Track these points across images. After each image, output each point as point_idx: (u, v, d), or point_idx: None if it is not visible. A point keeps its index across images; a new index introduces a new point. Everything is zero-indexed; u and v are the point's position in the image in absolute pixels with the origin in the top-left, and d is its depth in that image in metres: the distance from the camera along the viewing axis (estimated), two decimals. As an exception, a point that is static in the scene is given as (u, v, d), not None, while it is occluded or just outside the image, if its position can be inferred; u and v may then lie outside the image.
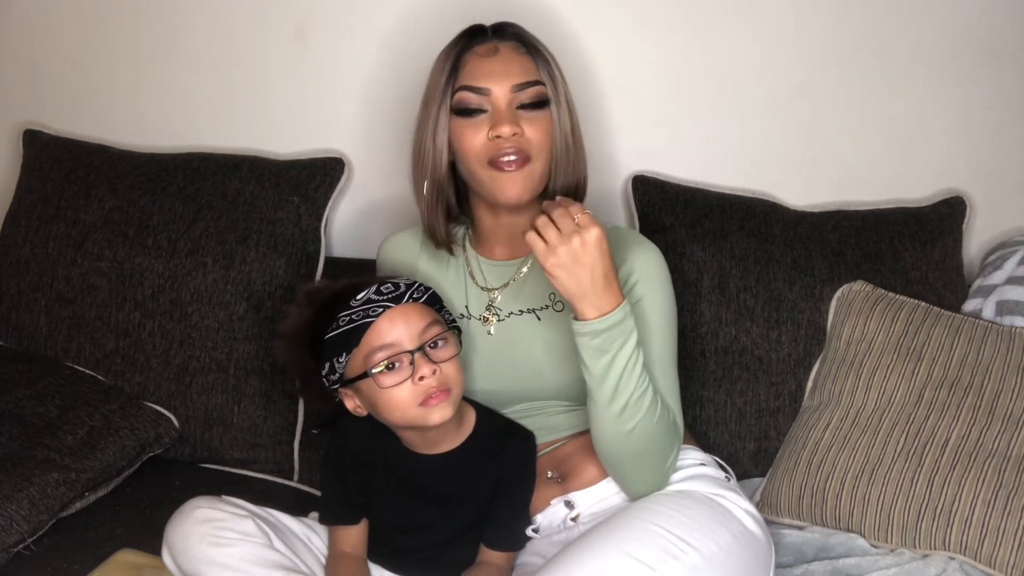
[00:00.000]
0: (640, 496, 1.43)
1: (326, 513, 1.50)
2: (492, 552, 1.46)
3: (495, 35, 1.50)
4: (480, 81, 1.45)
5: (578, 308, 1.33)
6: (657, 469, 1.41)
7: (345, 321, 1.37)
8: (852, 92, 1.88)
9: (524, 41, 1.49)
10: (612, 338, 1.33)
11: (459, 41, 1.50)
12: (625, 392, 1.35)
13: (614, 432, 1.37)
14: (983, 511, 1.51)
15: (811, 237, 1.80)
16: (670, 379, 1.46)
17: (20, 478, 1.57)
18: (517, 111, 1.45)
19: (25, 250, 1.93)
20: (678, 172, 1.92)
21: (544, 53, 1.49)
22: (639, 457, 1.39)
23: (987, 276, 1.78)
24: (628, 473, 1.42)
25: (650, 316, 1.44)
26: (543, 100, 1.46)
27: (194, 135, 2.05)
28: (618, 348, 1.34)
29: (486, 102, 1.45)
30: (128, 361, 1.85)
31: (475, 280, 1.56)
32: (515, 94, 1.45)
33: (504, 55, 1.47)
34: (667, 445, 1.41)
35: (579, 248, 1.30)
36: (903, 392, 1.64)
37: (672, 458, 1.42)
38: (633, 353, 1.35)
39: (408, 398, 1.36)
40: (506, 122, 1.43)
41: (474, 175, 1.47)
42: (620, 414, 1.36)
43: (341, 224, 2.03)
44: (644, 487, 1.42)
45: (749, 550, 1.40)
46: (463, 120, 1.46)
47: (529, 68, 1.47)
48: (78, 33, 2.09)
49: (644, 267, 1.46)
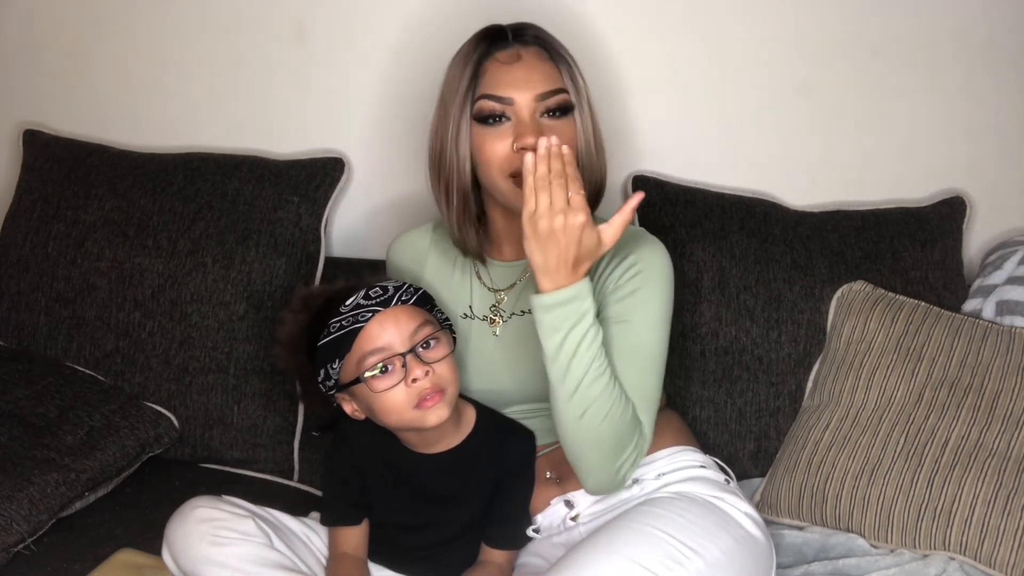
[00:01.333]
0: (593, 492, 1.42)
1: (327, 514, 1.50)
2: (493, 551, 1.46)
3: (516, 39, 1.45)
4: (502, 90, 1.41)
5: (538, 280, 1.31)
6: (606, 464, 1.37)
7: (335, 328, 1.37)
8: (852, 92, 1.88)
9: (546, 46, 1.46)
10: (564, 315, 1.31)
11: (478, 45, 1.45)
12: (575, 374, 1.32)
13: (565, 416, 1.35)
14: (983, 511, 1.51)
15: (811, 237, 1.80)
16: (648, 377, 1.42)
17: (20, 478, 1.57)
18: (540, 119, 1.42)
19: (25, 250, 1.93)
20: (678, 172, 1.92)
21: (566, 57, 1.46)
22: (589, 447, 1.36)
23: (987, 276, 1.78)
24: (579, 463, 1.39)
25: (641, 308, 1.42)
26: (567, 107, 1.43)
27: (194, 135, 2.05)
28: (570, 327, 1.31)
29: (509, 111, 1.41)
30: (128, 361, 1.85)
31: (481, 280, 1.56)
32: (539, 103, 1.41)
33: (527, 62, 1.43)
34: (620, 441, 1.37)
35: (559, 228, 1.28)
36: (903, 392, 1.64)
37: (627, 458, 1.38)
38: (587, 336, 1.32)
39: (403, 401, 1.36)
40: (530, 133, 1.39)
41: (494, 184, 1.44)
42: (570, 398, 1.33)
43: (341, 224, 2.03)
44: (595, 482, 1.40)
45: (750, 553, 1.40)
46: (485, 128, 1.42)
47: (552, 75, 1.43)
48: (78, 33, 2.09)
49: (649, 262, 1.44)
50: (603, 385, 1.34)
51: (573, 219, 1.28)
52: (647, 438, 1.41)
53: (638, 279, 1.43)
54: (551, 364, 1.33)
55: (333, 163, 1.94)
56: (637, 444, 1.39)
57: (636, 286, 1.43)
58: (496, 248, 1.56)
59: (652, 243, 1.48)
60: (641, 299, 1.42)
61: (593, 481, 1.40)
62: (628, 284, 1.42)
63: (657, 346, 1.43)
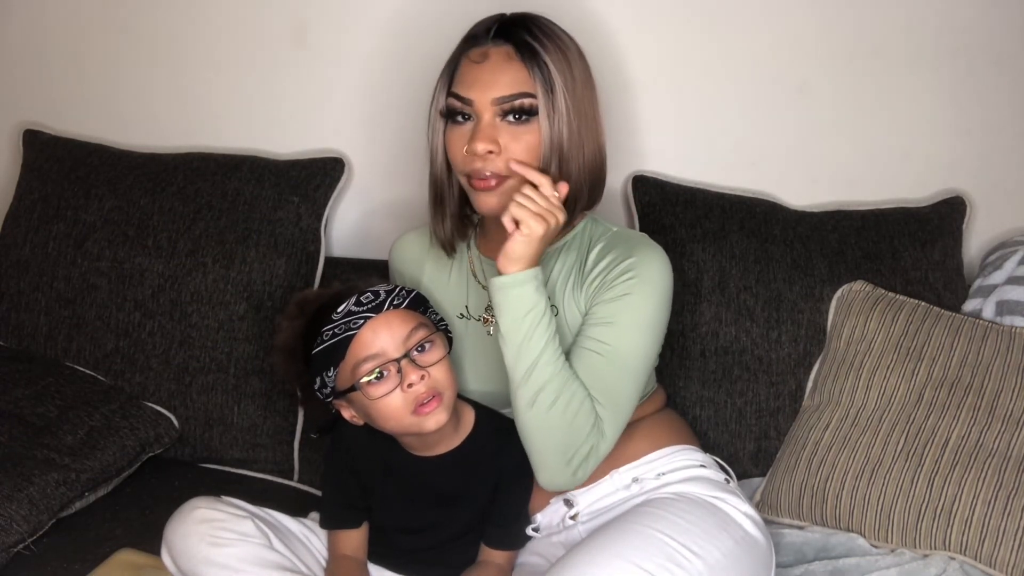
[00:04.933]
0: (547, 487, 1.42)
1: (327, 517, 1.50)
2: (493, 551, 1.46)
3: (497, 36, 1.43)
4: (464, 89, 1.41)
5: (504, 266, 1.35)
6: (557, 457, 1.37)
7: (328, 336, 1.36)
8: (852, 92, 1.88)
9: (522, 45, 1.41)
10: (522, 296, 1.34)
11: (465, 40, 1.46)
12: (525, 359, 1.35)
13: (518, 402, 1.37)
14: (983, 511, 1.51)
15: (811, 237, 1.80)
16: (622, 381, 1.40)
17: (20, 478, 1.57)
18: (501, 123, 1.40)
19: (25, 250, 1.93)
20: (678, 172, 1.92)
21: (544, 58, 1.40)
22: (540, 435, 1.37)
23: (987, 276, 1.78)
24: (531, 453, 1.40)
25: (629, 313, 1.41)
26: (529, 110, 1.39)
27: (194, 135, 2.05)
28: (526, 309, 1.34)
29: (469, 110, 1.41)
30: (128, 361, 1.85)
31: (476, 278, 1.56)
32: (497, 106, 1.40)
33: (493, 63, 1.41)
34: (572, 434, 1.36)
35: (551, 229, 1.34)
36: (903, 392, 1.64)
37: (579, 452, 1.37)
38: (538, 322, 1.35)
39: (400, 406, 1.35)
40: (480, 139, 1.39)
41: (460, 179, 1.46)
42: (524, 381, 1.35)
43: (341, 224, 2.04)
44: (548, 476, 1.39)
45: (751, 554, 1.40)
46: (450, 126, 1.44)
47: (518, 78, 1.39)
48: (78, 33, 2.09)
49: (646, 268, 1.43)
50: (555, 371, 1.35)
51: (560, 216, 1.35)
52: (608, 439, 1.40)
53: (631, 283, 1.41)
54: (506, 345, 1.36)
55: (333, 163, 1.94)
56: (593, 442, 1.38)
57: (627, 291, 1.41)
58: (490, 247, 1.55)
59: (654, 251, 1.46)
60: (630, 304, 1.41)
61: (546, 474, 1.40)
62: (620, 287, 1.42)
63: (639, 353, 1.42)
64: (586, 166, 1.45)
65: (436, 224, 1.53)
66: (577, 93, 1.43)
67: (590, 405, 1.37)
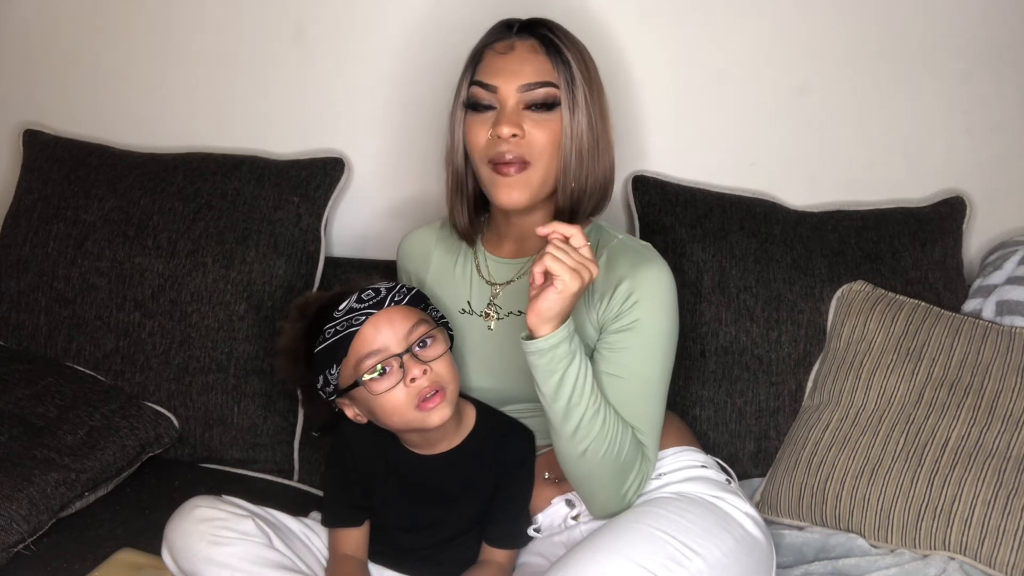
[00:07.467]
0: (600, 517, 1.43)
1: (328, 516, 1.50)
2: (494, 550, 1.46)
3: (521, 31, 1.47)
4: (490, 78, 1.44)
5: (536, 326, 1.31)
6: (612, 493, 1.39)
7: (330, 333, 1.37)
8: (852, 92, 1.88)
9: (547, 41, 1.45)
10: (559, 357, 1.32)
11: (487, 35, 1.49)
12: (576, 413, 1.34)
13: (567, 453, 1.37)
14: (983, 511, 1.51)
15: (811, 237, 1.80)
16: (651, 404, 1.43)
17: (20, 478, 1.57)
18: (524, 112, 1.43)
19: (25, 250, 1.93)
20: (678, 172, 1.92)
21: (566, 54, 1.44)
22: (593, 478, 1.38)
23: (987, 276, 1.78)
24: (585, 493, 1.41)
25: (644, 338, 1.42)
26: (552, 102, 1.43)
27: (194, 135, 2.05)
28: (565, 368, 1.32)
29: (495, 99, 1.44)
30: (128, 361, 1.85)
31: (480, 273, 1.56)
32: (522, 94, 1.43)
33: (519, 53, 1.45)
34: (622, 470, 1.39)
35: (586, 285, 1.30)
36: (903, 392, 1.64)
37: (631, 484, 1.40)
38: (581, 373, 1.33)
39: (403, 401, 1.36)
40: (506, 122, 1.41)
41: (478, 172, 1.47)
42: (572, 437, 1.35)
43: (341, 224, 2.03)
44: (602, 508, 1.41)
45: (751, 554, 1.40)
46: (472, 115, 1.46)
47: (543, 69, 1.44)
48: (78, 33, 2.09)
49: (648, 287, 1.42)
50: (601, 421, 1.35)
51: (593, 270, 1.30)
52: (651, 461, 1.43)
53: (637, 309, 1.42)
54: (551, 405, 1.35)
55: (333, 163, 1.94)
56: (640, 469, 1.41)
57: (636, 316, 1.42)
58: (496, 245, 1.56)
59: (649, 264, 1.45)
60: (641, 329, 1.42)
61: (599, 507, 1.42)
62: (628, 315, 1.42)
63: (659, 372, 1.43)
64: (599, 167, 1.48)
65: (457, 214, 1.54)
66: (594, 94, 1.47)
67: (632, 436, 1.40)
